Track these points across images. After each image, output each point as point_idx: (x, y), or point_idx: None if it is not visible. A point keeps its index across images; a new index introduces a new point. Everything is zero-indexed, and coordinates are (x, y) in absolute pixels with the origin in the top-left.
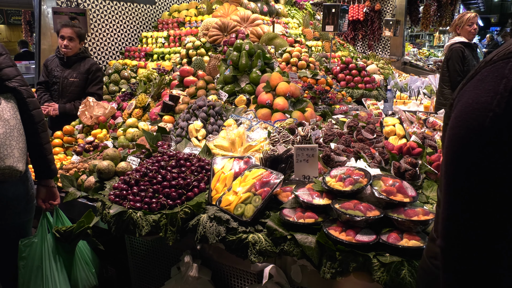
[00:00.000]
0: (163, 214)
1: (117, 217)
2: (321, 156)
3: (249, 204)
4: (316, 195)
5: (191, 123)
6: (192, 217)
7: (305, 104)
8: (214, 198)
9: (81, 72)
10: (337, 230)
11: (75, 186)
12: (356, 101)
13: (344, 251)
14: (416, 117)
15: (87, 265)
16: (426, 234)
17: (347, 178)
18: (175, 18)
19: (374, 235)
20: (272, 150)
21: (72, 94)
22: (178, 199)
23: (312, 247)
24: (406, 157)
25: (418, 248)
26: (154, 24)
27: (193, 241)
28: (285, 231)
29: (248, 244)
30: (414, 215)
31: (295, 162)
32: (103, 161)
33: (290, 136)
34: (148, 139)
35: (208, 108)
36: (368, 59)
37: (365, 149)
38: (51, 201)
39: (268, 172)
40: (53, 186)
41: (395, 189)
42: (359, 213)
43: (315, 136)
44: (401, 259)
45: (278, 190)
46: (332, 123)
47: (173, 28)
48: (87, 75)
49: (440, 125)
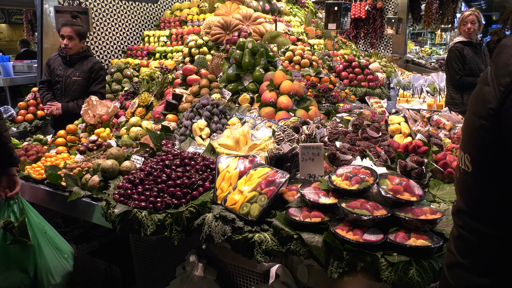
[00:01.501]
0: (168, 213)
1: (122, 216)
2: (327, 155)
3: (255, 203)
4: (322, 194)
5: (195, 122)
6: (197, 217)
7: (309, 103)
8: (219, 198)
9: (83, 71)
10: (344, 229)
11: (79, 185)
12: (360, 99)
13: (351, 251)
14: (420, 115)
15: (58, 251)
16: (433, 233)
17: (353, 177)
18: (177, 16)
19: (381, 235)
20: (277, 148)
21: (75, 93)
22: (183, 198)
23: (319, 247)
24: (412, 155)
25: (426, 248)
26: (156, 23)
27: (199, 240)
28: (291, 231)
29: (254, 243)
30: (422, 214)
31: (301, 160)
32: (107, 160)
33: (295, 134)
34: (152, 138)
35: (212, 106)
36: (371, 57)
37: (371, 147)
38: (8, 190)
39: (273, 171)
40: (14, 175)
41: (402, 188)
42: (366, 212)
43: (320, 135)
44: (409, 258)
45: (283, 189)
46: (337, 122)
47: (175, 26)
48: (90, 73)
49: (445, 123)
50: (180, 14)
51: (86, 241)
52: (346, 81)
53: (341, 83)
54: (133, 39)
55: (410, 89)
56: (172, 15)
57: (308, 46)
